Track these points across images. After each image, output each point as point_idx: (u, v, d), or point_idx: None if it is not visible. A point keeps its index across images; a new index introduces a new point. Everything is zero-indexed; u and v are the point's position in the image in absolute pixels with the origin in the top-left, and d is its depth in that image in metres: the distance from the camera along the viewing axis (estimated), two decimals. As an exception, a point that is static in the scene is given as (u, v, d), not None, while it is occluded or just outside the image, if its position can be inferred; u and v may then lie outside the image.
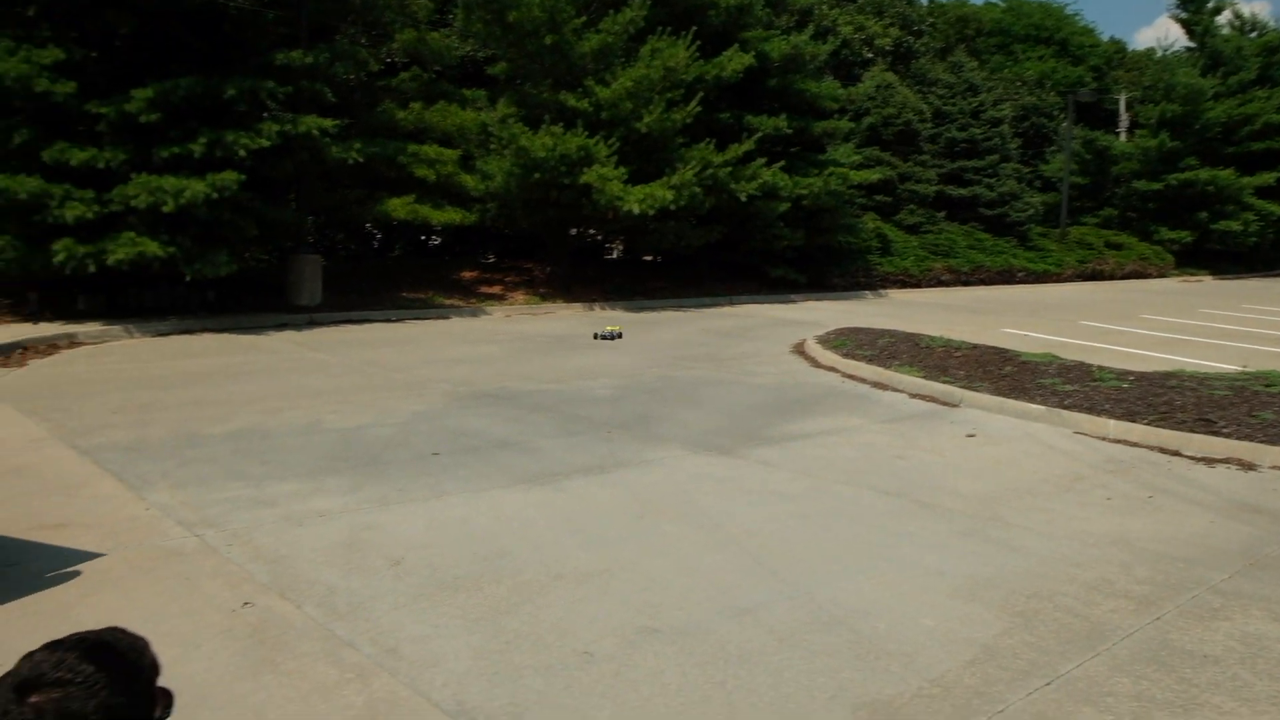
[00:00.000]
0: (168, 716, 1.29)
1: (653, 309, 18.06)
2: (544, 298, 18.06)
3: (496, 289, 18.61)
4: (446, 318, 15.71)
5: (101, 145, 12.41)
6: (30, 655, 1.21)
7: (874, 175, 22.41)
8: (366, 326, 14.23)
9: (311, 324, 14.07)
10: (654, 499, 5.97)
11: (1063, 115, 33.08)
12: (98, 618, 3.61)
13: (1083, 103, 33.18)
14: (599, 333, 13.47)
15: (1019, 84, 33.96)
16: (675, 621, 4.17)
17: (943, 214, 26.36)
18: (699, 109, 17.94)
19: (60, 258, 11.88)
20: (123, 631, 1.30)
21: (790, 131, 20.21)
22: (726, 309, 18.56)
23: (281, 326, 13.70)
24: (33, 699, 1.16)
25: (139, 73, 12.77)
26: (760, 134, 19.11)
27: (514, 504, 5.78)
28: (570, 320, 16.04)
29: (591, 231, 21.72)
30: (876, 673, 3.74)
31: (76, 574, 4.47)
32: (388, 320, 14.96)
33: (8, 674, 1.20)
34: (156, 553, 4.79)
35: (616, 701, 3.48)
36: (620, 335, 13.39)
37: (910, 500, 6.11)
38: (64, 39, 12.45)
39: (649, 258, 22.88)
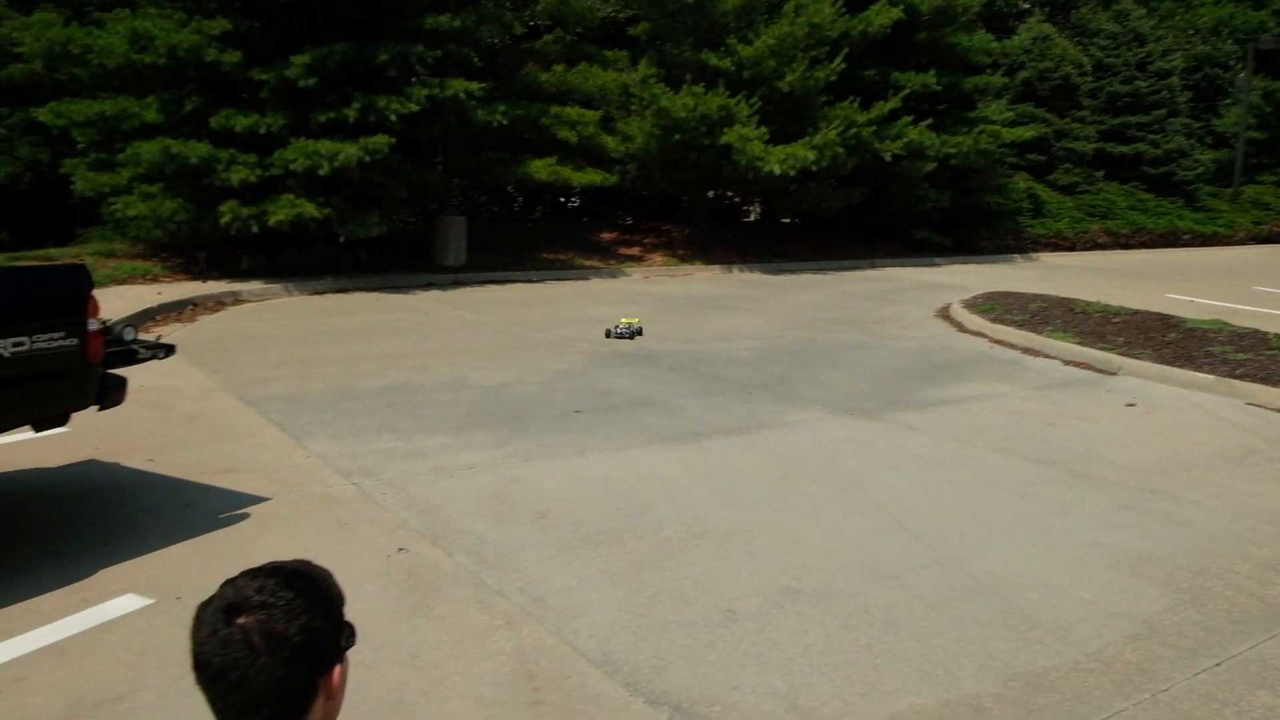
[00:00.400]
0: (351, 646, 1.35)
1: (791, 271, 17.81)
2: (682, 259, 18.03)
3: (635, 250, 18.69)
4: (586, 279, 15.89)
5: (263, 111, 13.00)
6: (233, 581, 1.29)
7: (1027, 133, 21.36)
8: (509, 287, 14.53)
9: (456, 284, 14.46)
10: (796, 460, 5.91)
11: (1241, 65, 30.70)
12: (267, 557, 3.84)
13: (1264, 50, 30.66)
14: (612, 329, 10.11)
15: (1191, 32, 31.71)
16: (818, 583, 4.13)
17: (1101, 173, 25.00)
18: (843, 65, 17.47)
19: (226, 219, 12.56)
20: (311, 563, 1.37)
21: (939, 88, 19.42)
22: (868, 272, 18.13)
23: (428, 286, 14.14)
24: (240, 620, 1.24)
25: (298, 41, 13.28)
26: (907, 91, 18.49)
27: (655, 462, 5.82)
28: (708, 282, 15.98)
29: (729, 193, 21.54)
30: (1030, 644, 3.62)
31: (246, 515, 4.75)
32: (529, 281, 15.24)
33: (213, 597, 1.28)
34: (317, 499, 5.04)
35: (759, 660, 3.47)
36: (640, 332, 10.17)
37: (1064, 469, 5.86)
38: (229, 10, 13.06)
39: (786, 220, 22.53)
